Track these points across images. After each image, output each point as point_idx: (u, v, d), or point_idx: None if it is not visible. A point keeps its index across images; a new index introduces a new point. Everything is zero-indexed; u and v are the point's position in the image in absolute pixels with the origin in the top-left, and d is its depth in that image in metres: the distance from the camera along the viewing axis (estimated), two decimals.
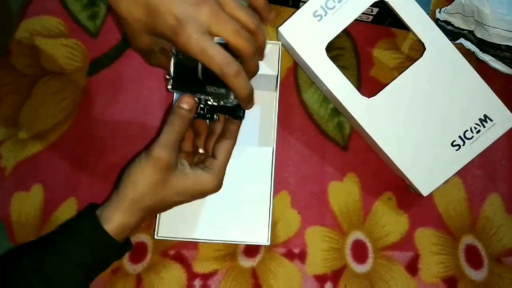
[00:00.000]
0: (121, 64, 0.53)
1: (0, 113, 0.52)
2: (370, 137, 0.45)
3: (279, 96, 0.49)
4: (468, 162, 0.44)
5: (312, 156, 0.50)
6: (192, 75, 0.37)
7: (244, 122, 0.45)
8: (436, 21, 0.52)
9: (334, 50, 0.53)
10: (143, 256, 0.47)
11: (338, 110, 0.52)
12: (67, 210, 0.49)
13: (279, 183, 0.49)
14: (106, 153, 0.50)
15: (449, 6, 0.50)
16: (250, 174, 0.45)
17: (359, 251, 0.47)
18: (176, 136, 0.37)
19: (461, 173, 0.46)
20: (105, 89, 0.52)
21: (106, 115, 0.51)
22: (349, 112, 0.45)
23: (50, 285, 0.34)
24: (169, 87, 0.38)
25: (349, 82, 0.45)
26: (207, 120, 0.43)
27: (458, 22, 0.50)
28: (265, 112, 0.51)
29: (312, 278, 0.46)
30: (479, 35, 0.48)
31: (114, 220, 0.36)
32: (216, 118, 0.42)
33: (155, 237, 0.43)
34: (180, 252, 0.47)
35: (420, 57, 0.45)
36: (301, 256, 0.47)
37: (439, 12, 0.51)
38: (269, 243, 0.43)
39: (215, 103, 0.39)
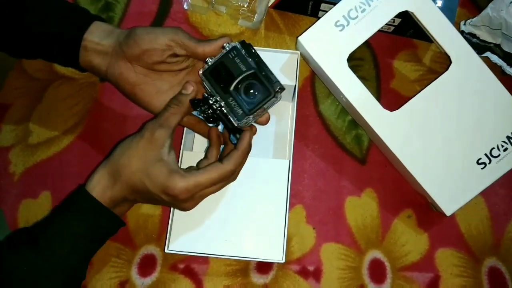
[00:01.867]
0: None
1: (10, 117, 0.51)
2: (391, 152, 0.43)
3: (297, 107, 0.48)
4: (494, 182, 0.42)
5: (328, 170, 0.48)
6: (227, 79, 0.38)
7: (259, 132, 0.44)
8: (461, 33, 0.50)
9: (353, 60, 0.51)
10: (152, 269, 0.45)
11: (356, 122, 0.50)
12: None
13: (294, 197, 0.47)
14: None
15: (475, 18, 0.49)
16: (265, 188, 0.44)
17: (377, 271, 0.45)
18: (176, 119, 0.38)
19: (483, 191, 0.44)
20: (117, 95, 0.51)
21: (118, 122, 0.50)
22: (369, 125, 0.43)
23: (44, 253, 0.35)
24: (201, 71, 0.39)
25: (371, 94, 0.43)
26: (208, 123, 0.43)
27: (484, 35, 0.48)
28: (281, 123, 0.49)
29: None
30: (506, 49, 0.47)
31: (99, 183, 0.37)
32: (216, 125, 0.43)
33: (166, 250, 0.42)
34: (190, 266, 0.45)
35: (445, 71, 0.43)
36: (316, 274, 0.45)
37: (464, 24, 0.50)
38: (284, 261, 0.41)
39: (224, 112, 0.39)
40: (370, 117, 0.43)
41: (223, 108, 0.38)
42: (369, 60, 0.52)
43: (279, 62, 0.47)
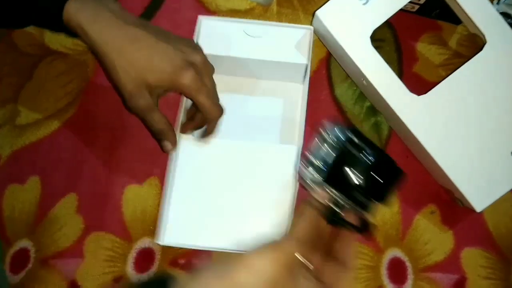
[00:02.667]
0: None
1: None
2: (416, 141, 0.39)
3: (308, 89, 0.43)
4: None
5: None
6: (345, 176, 0.30)
7: (264, 117, 0.41)
8: None
9: (372, 41, 0.47)
10: (149, 265, 0.41)
11: (375, 109, 0.46)
12: (66, 207, 0.43)
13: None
14: (114, 144, 0.45)
15: None
16: (270, 176, 0.40)
17: (397, 271, 0.41)
18: (305, 230, 0.30)
19: None
20: None
21: (116, 102, 0.46)
22: (393, 111, 0.39)
23: None
24: (317, 177, 0.31)
25: (396, 76, 0.39)
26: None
27: None
28: (289, 107, 0.45)
29: None
30: None
31: None
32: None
33: (158, 242, 0.38)
34: (192, 261, 0.41)
35: (477, 52, 0.39)
36: None
37: (497, 3, 0.46)
38: None
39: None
40: (395, 101, 0.39)
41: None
42: (390, 42, 0.48)
43: (290, 38, 0.43)
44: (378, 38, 0.48)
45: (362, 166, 0.30)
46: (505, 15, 0.45)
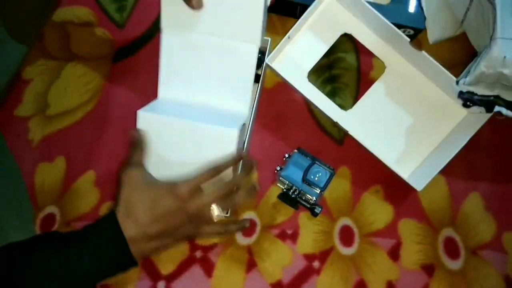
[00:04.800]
0: (144, 53, 0.58)
1: (31, 91, 0.57)
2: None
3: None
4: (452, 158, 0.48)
5: (309, 149, 0.54)
6: (299, 172, 0.51)
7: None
8: (460, 94, 0.50)
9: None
10: None
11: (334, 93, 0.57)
12: (86, 181, 0.54)
13: (273, 173, 0.53)
14: (125, 133, 0.55)
15: (468, 78, 0.47)
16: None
17: (346, 235, 0.51)
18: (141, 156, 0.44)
19: (444, 171, 0.49)
20: (127, 75, 0.57)
21: (127, 98, 0.57)
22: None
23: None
24: (282, 173, 0.51)
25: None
26: (291, 206, 0.51)
27: (481, 90, 0.48)
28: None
29: (302, 257, 0.51)
30: (509, 98, 0.47)
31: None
32: (297, 208, 0.51)
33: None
34: None
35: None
36: (293, 237, 0.51)
37: (457, 84, 0.49)
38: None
39: (303, 198, 0.50)
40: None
41: (301, 195, 0.50)
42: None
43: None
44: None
45: (305, 168, 0.51)
46: (470, 93, 0.49)
